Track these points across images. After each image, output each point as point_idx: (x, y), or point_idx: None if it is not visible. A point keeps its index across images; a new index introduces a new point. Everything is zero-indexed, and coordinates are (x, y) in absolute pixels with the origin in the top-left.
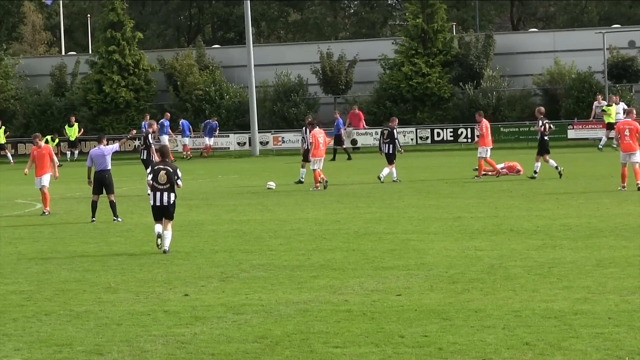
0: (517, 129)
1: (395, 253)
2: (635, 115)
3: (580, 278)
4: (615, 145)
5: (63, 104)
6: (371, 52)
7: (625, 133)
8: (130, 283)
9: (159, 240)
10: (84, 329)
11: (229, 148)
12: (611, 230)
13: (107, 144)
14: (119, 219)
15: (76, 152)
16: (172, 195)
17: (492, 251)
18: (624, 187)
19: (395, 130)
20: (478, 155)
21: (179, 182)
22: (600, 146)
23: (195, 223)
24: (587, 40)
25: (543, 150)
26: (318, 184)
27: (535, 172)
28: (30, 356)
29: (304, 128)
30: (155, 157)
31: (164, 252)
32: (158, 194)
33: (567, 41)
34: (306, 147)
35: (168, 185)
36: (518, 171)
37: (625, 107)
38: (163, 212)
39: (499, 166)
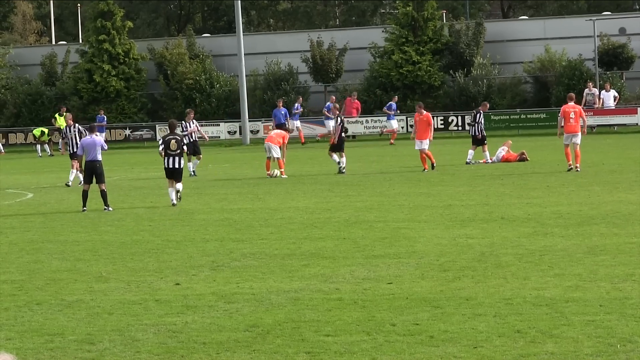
0: (507, 117)
1: (386, 241)
2: (574, 101)
3: (572, 266)
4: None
5: (53, 93)
6: (361, 41)
7: (571, 116)
8: (122, 272)
9: (173, 202)
10: (75, 319)
11: (219, 137)
12: (602, 217)
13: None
14: (110, 208)
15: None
16: (181, 159)
17: (483, 239)
18: (570, 165)
19: (479, 114)
20: (426, 148)
21: (185, 147)
22: None
23: (186, 212)
24: (578, 27)
25: (340, 147)
26: (279, 170)
27: (341, 167)
28: (22, 346)
29: (183, 121)
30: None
31: (178, 192)
32: (170, 158)
33: (558, 28)
34: (189, 140)
35: (178, 151)
36: (523, 159)
37: (616, 94)
38: (173, 174)
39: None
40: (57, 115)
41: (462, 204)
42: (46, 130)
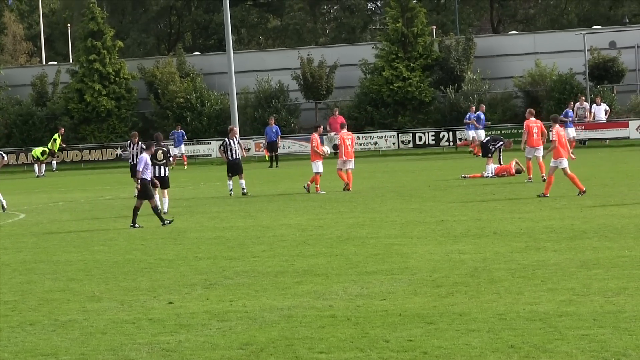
0: (498, 132)
1: (379, 257)
2: (533, 116)
3: (565, 280)
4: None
5: (44, 113)
6: (351, 57)
7: (534, 130)
8: (115, 292)
9: (165, 211)
10: (68, 339)
11: (210, 155)
12: (594, 231)
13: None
14: (167, 222)
15: (54, 162)
16: (167, 168)
17: (476, 254)
18: (530, 179)
19: (500, 142)
20: (349, 168)
21: (171, 159)
22: None
23: (178, 230)
24: (568, 41)
25: (236, 170)
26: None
27: (240, 189)
28: None
29: (129, 142)
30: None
31: (164, 213)
32: (157, 167)
33: (548, 43)
34: (132, 162)
35: (164, 161)
36: (518, 172)
37: (607, 108)
38: (161, 182)
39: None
40: (56, 136)
41: (454, 219)
42: (47, 150)
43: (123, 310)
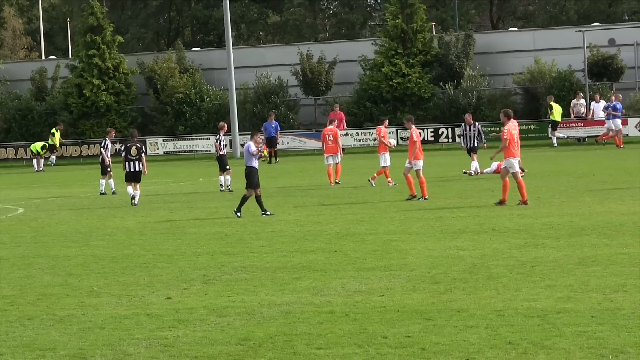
0: (497, 129)
1: (378, 254)
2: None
3: (563, 277)
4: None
5: (44, 108)
6: (351, 53)
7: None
8: (113, 287)
9: (133, 200)
10: (67, 333)
11: (209, 150)
12: (593, 228)
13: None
14: (268, 213)
15: (54, 157)
16: (141, 164)
17: (474, 251)
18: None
19: (466, 126)
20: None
21: (143, 155)
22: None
23: (177, 226)
24: (567, 38)
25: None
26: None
27: (226, 185)
28: None
29: (104, 140)
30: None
31: (133, 204)
32: (131, 163)
33: (547, 40)
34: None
35: (138, 157)
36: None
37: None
38: (134, 176)
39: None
40: (54, 130)
41: (453, 215)
42: (47, 145)
43: (121, 305)
